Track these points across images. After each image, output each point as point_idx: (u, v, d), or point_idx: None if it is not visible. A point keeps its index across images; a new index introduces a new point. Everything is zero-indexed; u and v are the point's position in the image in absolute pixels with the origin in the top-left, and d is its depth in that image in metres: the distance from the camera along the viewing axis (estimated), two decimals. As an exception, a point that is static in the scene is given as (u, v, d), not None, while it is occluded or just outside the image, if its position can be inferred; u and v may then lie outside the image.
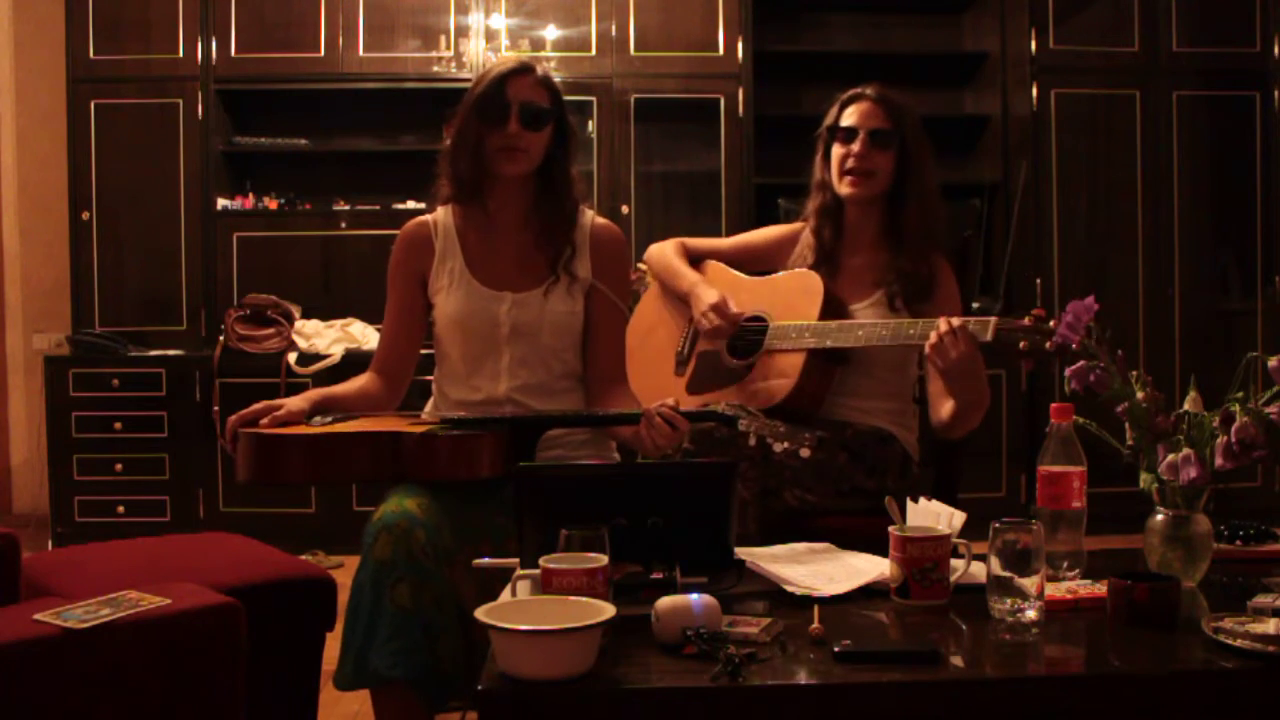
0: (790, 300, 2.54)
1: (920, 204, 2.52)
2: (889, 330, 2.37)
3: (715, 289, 2.57)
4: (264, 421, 2.13)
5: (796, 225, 2.70)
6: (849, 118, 2.54)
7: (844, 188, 2.53)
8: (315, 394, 2.28)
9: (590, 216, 2.39)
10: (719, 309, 2.52)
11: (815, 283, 2.52)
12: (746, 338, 2.57)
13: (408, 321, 2.40)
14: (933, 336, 2.25)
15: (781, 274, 2.63)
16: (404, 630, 1.90)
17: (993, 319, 2.25)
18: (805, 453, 2.14)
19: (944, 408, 2.41)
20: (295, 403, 2.20)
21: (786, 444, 2.21)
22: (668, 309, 2.73)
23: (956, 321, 2.24)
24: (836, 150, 2.54)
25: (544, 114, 2.27)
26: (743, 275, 2.67)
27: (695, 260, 2.73)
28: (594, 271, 2.35)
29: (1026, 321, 2.20)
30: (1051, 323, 2.15)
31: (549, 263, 2.33)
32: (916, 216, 2.51)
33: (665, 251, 2.74)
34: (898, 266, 2.51)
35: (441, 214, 2.40)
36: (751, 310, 2.57)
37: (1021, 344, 2.18)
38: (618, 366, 2.40)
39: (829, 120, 2.58)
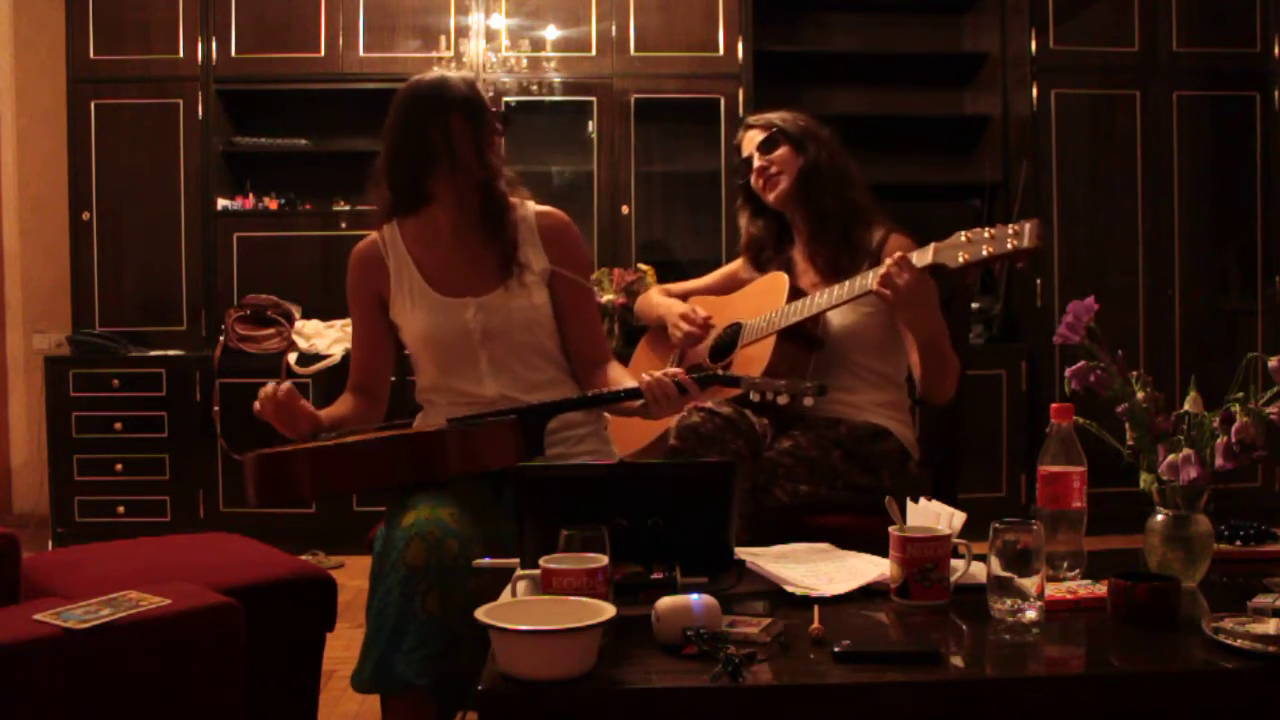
0: (761, 301, 2.62)
1: (833, 183, 2.61)
2: (845, 289, 2.43)
3: (682, 304, 2.74)
4: (274, 392, 2.14)
5: None
6: (742, 152, 2.70)
7: (769, 196, 2.65)
8: (318, 417, 2.25)
9: (531, 207, 2.39)
10: (685, 316, 2.70)
11: (781, 280, 2.61)
12: (725, 344, 2.66)
13: (375, 341, 2.42)
14: (882, 268, 2.31)
15: (752, 283, 2.72)
16: (431, 638, 1.88)
17: (932, 245, 2.32)
18: (809, 400, 2.17)
19: (913, 358, 2.47)
20: (306, 407, 2.20)
21: (790, 396, 2.22)
22: (657, 347, 2.84)
23: (898, 255, 2.31)
24: (753, 182, 2.68)
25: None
26: (720, 297, 2.78)
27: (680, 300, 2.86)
28: (550, 258, 2.35)
29: (964, 238, 2.25)
30: (989, 233, 2.20)
31: (501, 261, 2.32)
32: (836, 196, 2.60)
33: (648, 296, 2.91)
34: (845, 253, 2.58)
35: (387, 232, 2.38)
36: (730, 320, 2.67)
37: (962, 256, 2.24)
38: (599, 346, 2.41)
39: (740, 175, 2.73)
